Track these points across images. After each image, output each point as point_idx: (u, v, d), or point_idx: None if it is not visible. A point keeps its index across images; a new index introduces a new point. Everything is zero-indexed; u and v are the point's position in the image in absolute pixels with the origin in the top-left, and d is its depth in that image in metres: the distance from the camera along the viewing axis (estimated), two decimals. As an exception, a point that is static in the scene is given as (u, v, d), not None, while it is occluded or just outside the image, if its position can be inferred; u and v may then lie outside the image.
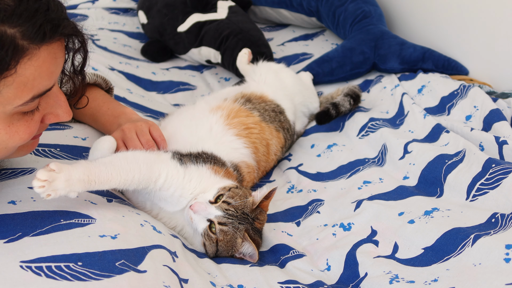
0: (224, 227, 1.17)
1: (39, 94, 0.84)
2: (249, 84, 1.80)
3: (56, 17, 0.82)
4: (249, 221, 1.21)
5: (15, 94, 0.80)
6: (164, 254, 1.02)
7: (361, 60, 2.06)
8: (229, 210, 1.18)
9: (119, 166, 1.08)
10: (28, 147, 0.97)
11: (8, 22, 0.76)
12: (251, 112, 1.57)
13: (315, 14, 2.41)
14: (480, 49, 1.88)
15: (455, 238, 1.14)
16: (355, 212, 1.36)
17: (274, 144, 1.60)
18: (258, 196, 1.25)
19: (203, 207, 1.18)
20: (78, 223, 0.97)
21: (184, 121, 1.49)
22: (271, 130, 1.60)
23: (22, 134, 0.87)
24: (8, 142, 0.87)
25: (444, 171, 1.38)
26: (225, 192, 1.20)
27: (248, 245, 1.20)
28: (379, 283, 1.09)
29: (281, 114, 1.68)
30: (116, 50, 2.30)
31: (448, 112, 1.69)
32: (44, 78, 0.83)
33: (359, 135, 1.72)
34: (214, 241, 1.18)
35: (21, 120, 0.86)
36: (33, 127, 0.89)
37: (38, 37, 0.79)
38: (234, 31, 2.16)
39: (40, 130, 0.96)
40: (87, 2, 2.74)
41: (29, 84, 0.81)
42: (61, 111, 0.93)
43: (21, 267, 0.83)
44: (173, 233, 1.21)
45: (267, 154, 1.57)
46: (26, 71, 0.79)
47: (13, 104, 0.81)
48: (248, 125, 1.52)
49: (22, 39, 0.77)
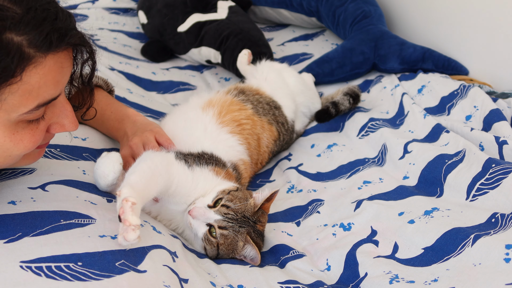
0: (224, 231, 1.17)
1: (44, 103, 0.84)
2: (248, 82, 1.80)
3: (64, 26, 0.83)
4: (250, 224, 1.21)
5: (20, 102, 0.80)
6: (164, 254, 1.02)
7: (361, 60, 2.06)
8: (228, 214, 1.17)
9: (150, 177, 1.07)
10: (33, 156, 0.97)
11: (15, 29, 0.76)
12: (244, 104, 1.57)
13: (315, 14, 2.41)
14: (480, 49, 1.88)
15: (455, 238, 1.14)
16: (355, 212, 1.36)
17: (266, 138, 1.60)
18: (260, 198, 1.24)
19: (202, 212, 1.17)
20: (78, 223, 0.97)
21: (178, 123, 1.47)
22: (262, 124, 1.59)
23: (27, 142, 0.87)
24: (13, 150, 0.86)
25: (444, 171, 1.38)
26: (224, 196, 1.20)
27: (251, 248, 1.19)
28: (379, 283, 1.09)
29: (276, 109, 1.68)
30: (116, 50, 2.30)
31: (448, 112, 1.69)
32: (49, 87, 0.83)
33: (359, 135, 1.72)
34: (214, 245, 1.18)
35: (26, 128, 0.86)
36: (38, 136, 0.89)
37: (44, 45, 0.79)
38: (234, 31, 2.16)
39: (46, 140, 0.96)
40: (87, 2, 2.74)
41: (34, 92, 0.81)
42: (67, 121, 0.93)
43: (21, 267, 0.83)
44: (173, 233, 1.21)
45: (258, 147, 1.57)
46: (32, 79, 0.79)
47: (18, 112, 0.81)
48: (240, 121, 1.51)
49: (28, 47, 0.78)
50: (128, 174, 1.05)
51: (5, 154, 0.87)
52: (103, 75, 1.46)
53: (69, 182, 1.11)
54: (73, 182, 1.12)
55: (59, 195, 1.05)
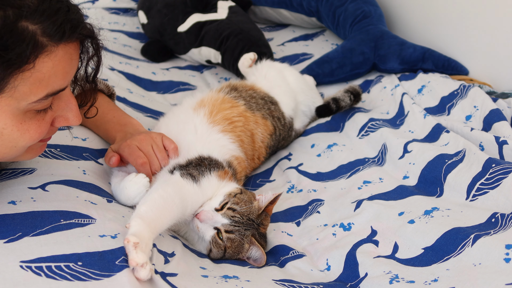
0: (231, 235, 1.17)
1: (53, 93, 0.86)
2: (247, 80, 1.80)
3: (76, 18, 0.86)
4: (254, 226, 1.22)
5: (30, 90, 0.82)
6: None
7: (361, 60, 2.06)
8: (235, 217, 1.18)
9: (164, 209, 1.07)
10: (36, 150, 0.97)
11: (31, 18, 0.79)
12: (236, 101, 1.57)
13: (315, 14, 2.41)
14: (480, 49, 1.88)
15: (455, 238, 1.14)
16: (355, 212, 1.36)
17: (260, 133, 1.59)
18: (264, 201, 1.25)
19: (210, 216, 1.18)
20: (78, 223, 0.97)
21: (171, 127, 1.46)
22: (256, 119, 1.59)
23: (33, 133, 0.88)
24: (18, 141, 0.88)
25: (444, 171, 1.38)
26: (230, 199, 1.20)
27: (256, 250, 1.20)
28: (379, 283, 1.09)
29: (272, 103, 1.67)
30: (116, 50, 2.30)
31: (448, 112, 1.69)
32: (59, 77, 0.85)
33: (359, 135, 1.72)
34: (222, 248, 1.18)
35: (33, 119, 0.88)
36: (44, 127, 0.90)
37: (57, 35, 0.82)
38: (235, 31, 2.16)
39: (49, 134, 0.97)
40: (87, 2, 2.74)
41: (44, 81, 0.83)
42: (71, 114, 0.95)
43: (21, 267, 0.83)
44: (173, 234, 1.21)
45: (253, 143, 1.56)
46: (44, 67, 0.82)
47: (27, 100, 0.83)
48: (232, 119, 1.50)
49: (42, 35, 0.80)
50: (139, 204, 1.05)
51: (11, 145, 0.88)
52: (103, 75, 1.46)
53: (69, 182, 1.11)
54: (73, 182, 1.12)
55: (59, 195, 1.05)
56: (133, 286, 0.86)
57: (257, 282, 1.09)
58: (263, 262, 1.20)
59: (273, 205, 1.28)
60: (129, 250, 0.90)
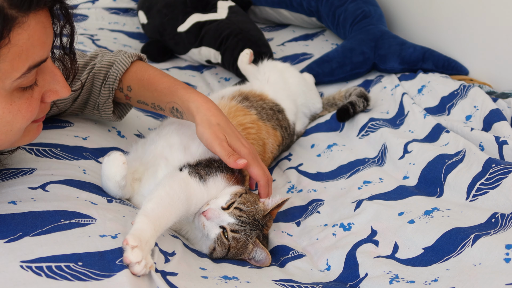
0: (236, 234, 1.17)
1: (34, 65, 0.85)
2: (251, 83, 1.79)
3: None
4: (259, 227, 1.22)
5: (11, 66, 0.81)
6: None
7: (361, 60, 2.06)
8: (241, 216, 1.18)
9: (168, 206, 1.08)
10: (33, 132, 0.97)
11: None
12: (248, 110, 1.57)
13: (315, 14, 2.41)
14: (480, 49, 1.88)
15: (455, 238, 1.14)
16: (355, 212, 1.36)
17: (271, 143, 1.60)
18: (270, 204, 1.25)
19: (216, 214, 1.17)
20: (79, 223, 0.97)
21: (184, 129, 1.43)
22: (267, 129, 1.59)
23: (25, 112, 0.88)
24: (13, 123, 0.87)
25: (444, 171, 1.38)
26: (237, 198, 1.20)
27: (260, 251, 1.20)
28: (379, 283, 1.09)
29: (279, 113, 1.68)
30: (116, 50, 2.30)
31: (448, 112, 1.69)
32: (37, 48, 0.84)
33: (359, 135, 1.72)
34: (226, 247, 1.18)
35: (22, 98, 0.87)
36: (35, 105, 0.90)
37: (25, 4, 0.80)
38: (234, 31, 2.16)
39: (42, 112, 0.96)
40: (87, 2, 2.74)
41: (23, 54, 0.82)
42: (59, 86, 0.94)
43: (22, 267, 0.83)
44: (174, 233, 1.21)
45: (263, 153, 1.57)
46: (19, 40, 0.81)
47: (11, 78, 0.82)
48: (246, 124, 1.51)
49: (10, 8, 0.79)
50: (146, 201, 1.06)
51: (6, 129, 0.87)
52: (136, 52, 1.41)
53: (69, 182, 1.11)
54: (74, 182, 1.12)
55: (60, 195, 1.05)
56: (133, 286, 0.86)
57: (256, 283, 1.09)
58: (267, 263, 1.20)
59: (279, 208, 1.28)
60: (125, 248, 0.91)
